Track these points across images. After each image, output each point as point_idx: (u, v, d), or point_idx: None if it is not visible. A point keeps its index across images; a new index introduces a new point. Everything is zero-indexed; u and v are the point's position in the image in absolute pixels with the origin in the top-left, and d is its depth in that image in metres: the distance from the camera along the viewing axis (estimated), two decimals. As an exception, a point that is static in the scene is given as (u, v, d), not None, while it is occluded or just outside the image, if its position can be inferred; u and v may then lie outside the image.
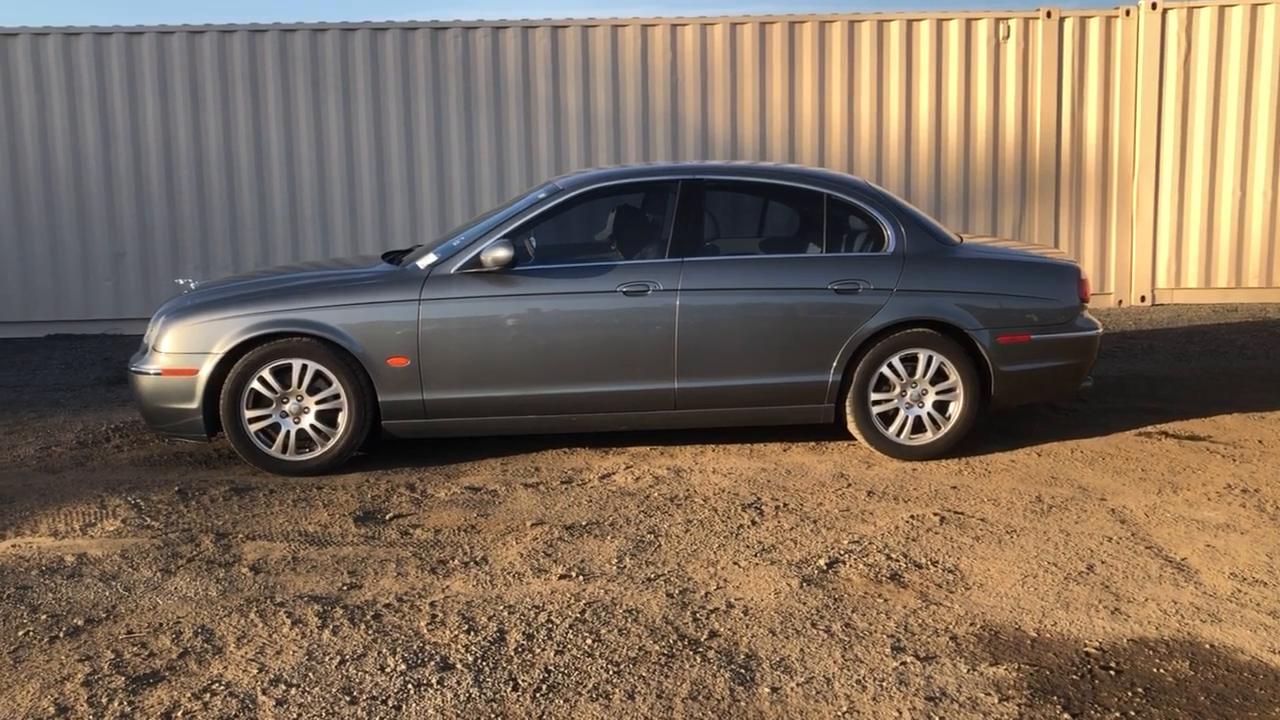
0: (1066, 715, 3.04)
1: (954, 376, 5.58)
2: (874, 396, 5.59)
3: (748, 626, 3.64)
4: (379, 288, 5.51)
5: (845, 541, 4.43)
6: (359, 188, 10.51)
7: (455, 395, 5.50)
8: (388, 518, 4.84)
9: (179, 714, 3.11)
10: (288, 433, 5.42)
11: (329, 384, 5.40)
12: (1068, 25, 10.65)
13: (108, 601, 3.92)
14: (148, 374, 5.46)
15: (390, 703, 3.16)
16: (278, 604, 3.87)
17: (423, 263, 5.59)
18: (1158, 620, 3.65)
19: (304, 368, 5.38)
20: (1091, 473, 5.36)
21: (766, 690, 3.20)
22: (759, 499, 5.00)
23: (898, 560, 4.22)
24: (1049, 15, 10.61)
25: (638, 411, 5.63)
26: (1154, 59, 10.59)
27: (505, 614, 3.76)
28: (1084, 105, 10.73)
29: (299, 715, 3.09)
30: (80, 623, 3.74)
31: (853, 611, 3.75)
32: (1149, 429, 6.14)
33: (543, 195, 5.76)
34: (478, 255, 5.49)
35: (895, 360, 5.57)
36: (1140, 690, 3.17)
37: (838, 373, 5.58)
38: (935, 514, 4.76)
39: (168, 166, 10.40)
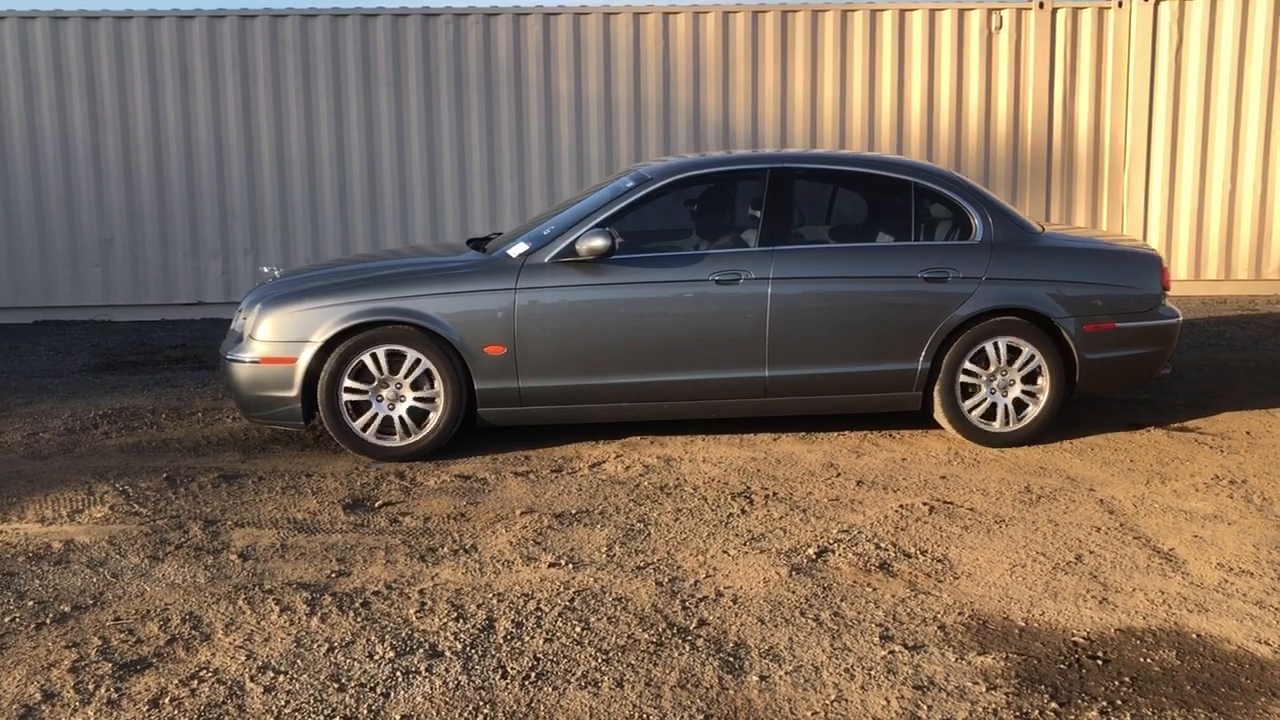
0: (1054, 704, 3.05)
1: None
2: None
3: (737, 615, 3.64)
4: (474, 276, 5.52)
5: (834, 530, 4.44)
6: (349, 174, 10.46)
7: (550, 383, 5.51)
8: (377, 505, 4.83)
9: (166, 700, 3.10)
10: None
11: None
12: (1060, 16, 10.65)
13: (95, 588, 3.91)
14: (244, 362, 5.45)
15: (379, 690, 3.16)
16: (266, 591, 3.87)
17: (514, 251, 5.59)
18: (1145, 610, 3.66)
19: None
20: (1080, 463, 5.38)
21: (755, 678, 3.21)
22: (749, 488, 5.01)
23: (887, 549, 4.23)
24: (1041, 6, 10.60)
25: (728, 399, 5.65)
26: (1146, 51, 10.59)
27: (494, 602, 3.76)
28: (1075, 97, 10.73)
29: (287, 702, 3.09)
30: (67, 609, 3.72)
31: (841, 600, 3.75)
32: (1138, 420, 6.16)
33: (631, 184, 5.74)
34: (572, 244, 5.49)
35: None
36: (1127, 679, 3.19)
37: (926, 360, 5.60)
38: (924, 503, 4.77)
39: (157, 152, 10.33)
